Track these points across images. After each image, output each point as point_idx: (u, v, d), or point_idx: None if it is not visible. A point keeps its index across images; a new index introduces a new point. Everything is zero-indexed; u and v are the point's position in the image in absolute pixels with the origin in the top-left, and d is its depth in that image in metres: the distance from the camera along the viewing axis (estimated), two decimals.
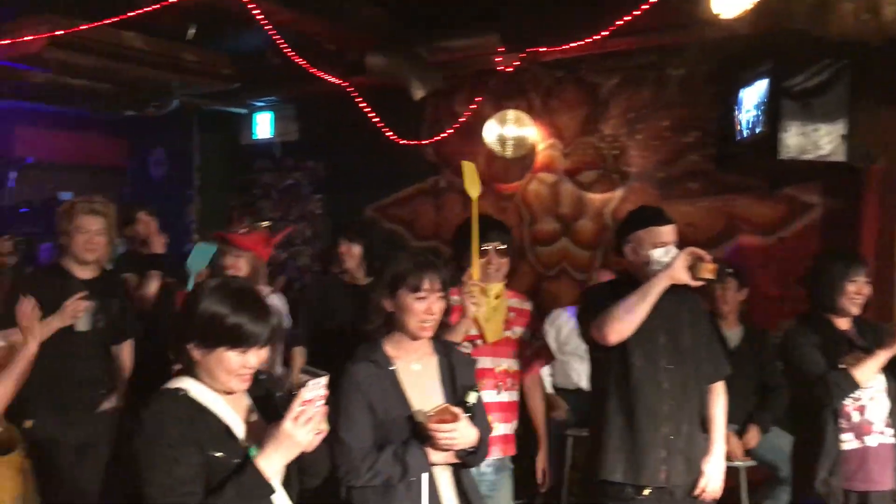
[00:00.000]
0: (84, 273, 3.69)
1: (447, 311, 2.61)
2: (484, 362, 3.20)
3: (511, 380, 3.37)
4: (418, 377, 2.56)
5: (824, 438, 3.18)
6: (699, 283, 2.83)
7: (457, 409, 2.43)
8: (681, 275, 2.81)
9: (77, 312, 3.49)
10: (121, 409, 3.80)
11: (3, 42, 5.28)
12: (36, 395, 3.37)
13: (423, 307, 2.48)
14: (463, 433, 2.41)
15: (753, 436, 4.20)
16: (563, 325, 4.84)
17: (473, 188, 3.42)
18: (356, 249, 4.13)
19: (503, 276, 3.37)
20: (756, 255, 4.93)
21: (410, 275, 2.49)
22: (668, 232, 2.98)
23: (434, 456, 2.44)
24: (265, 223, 3.49)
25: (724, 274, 2.92)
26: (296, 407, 1.91)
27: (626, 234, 3.07)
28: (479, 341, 3.30)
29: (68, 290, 3.54)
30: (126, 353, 3.90)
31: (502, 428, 3.30)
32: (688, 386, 3.02)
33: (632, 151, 5.45)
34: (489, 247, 3.30)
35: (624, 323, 2.84)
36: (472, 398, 2.47)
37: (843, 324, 3.31)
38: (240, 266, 3.81)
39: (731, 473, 3.44)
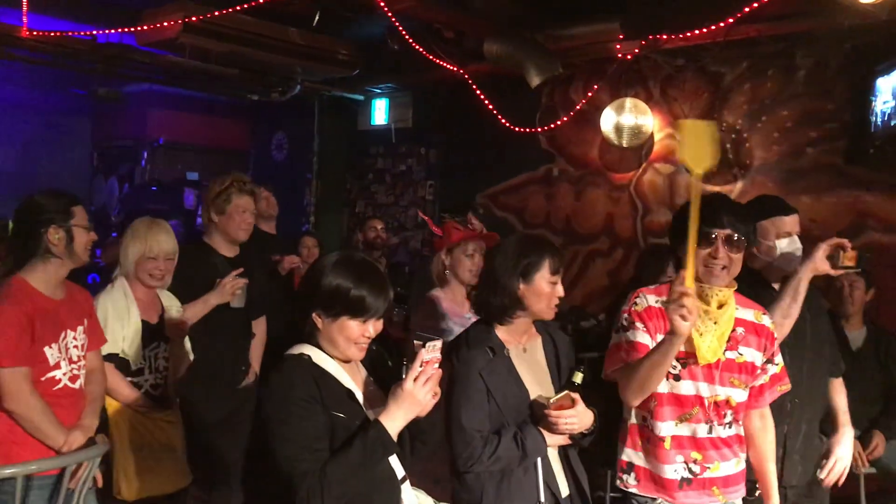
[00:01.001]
0: (229, 251, 3.73)
1: None
2: (688, 387, 2.46)
3: (730, 413, 2.52)
4: (529, 360, 2.60)
5: None
6: (840, 272, 2.78)
7: (575, 395, 2.46)
8: (822, 265, 2.77)
9: (235, 290, 3.55)
10: (257, 383, 3.87)
11: (143, 28, 5.61)
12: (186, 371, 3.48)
13: (554, 291, 2.54)
14: (582, 418, 2.45)
15: (879, 443, 4.00)
16: None
17: (698, 158, 2.25)
18: (480, 226, 4.19)
19: (731, 278, 2.46)
20: (886, 254, 4.69)
21: (550, 259, 2.53)
22: (792, 222, 2.92)
23: (550, 439, 2.47)
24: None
25: (866, 260, 2.81)
26: (416, 367, 1.99)
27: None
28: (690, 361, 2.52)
29: (216, 267, 3.60)
30: (262, 328, 3.95)
31: (725, 467, 2.52)
32: (809, 384, 2.93)
33: (754, 143, 5.27)
34: (716, 233, 2.39)
35: (785, 326, 2.82)
36: (578, 378, 2.52)
37: None
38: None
39: (851, 480, 3.30)
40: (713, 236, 2.39)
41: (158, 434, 3.22)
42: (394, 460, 2.10)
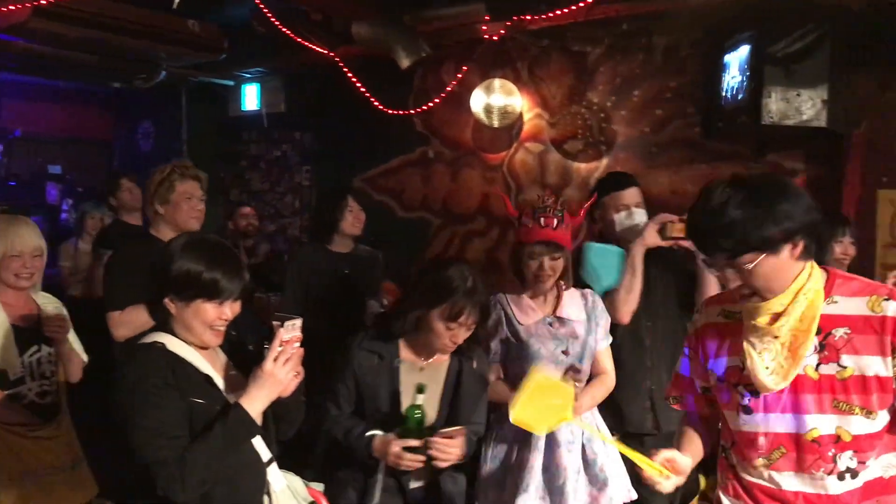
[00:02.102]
0: None
1: None
2: (757, 422, 1.87)
3: (849, 455, 1.80)
4: (422, 377, 2.59)
5: None
6: (670, 243, 2.93)
7: (455, 430, 2.49)
8: (652, 239, 3.00)
9: None
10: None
11: None
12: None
13: (450, 335, 2.49)
14: (456, 451, 2.48)
15: None
16: None
17: (538, 418, 2.02)
18: (363, 215, 4.15)
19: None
20: None
21: (451, 305, 2.45)
22: (629, 195, 3.10)
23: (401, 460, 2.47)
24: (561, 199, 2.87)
25: None
26: (276, 347, 1.96)
27: (597, 201, 3.19)
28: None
29: None
30: None
31: None
32: (666, 341, 3.10)
33: (617, 120, 5.46)
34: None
35: (629, 303, 3.04)
36: (420, 399, 2.49)
37: None
38: (557, 269, 2.83)
39: None
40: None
41: (43, 455, 3.00)
42: (258, 442, 2.08)
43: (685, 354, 2.11)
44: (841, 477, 1.81)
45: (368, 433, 2.52)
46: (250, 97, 7.34)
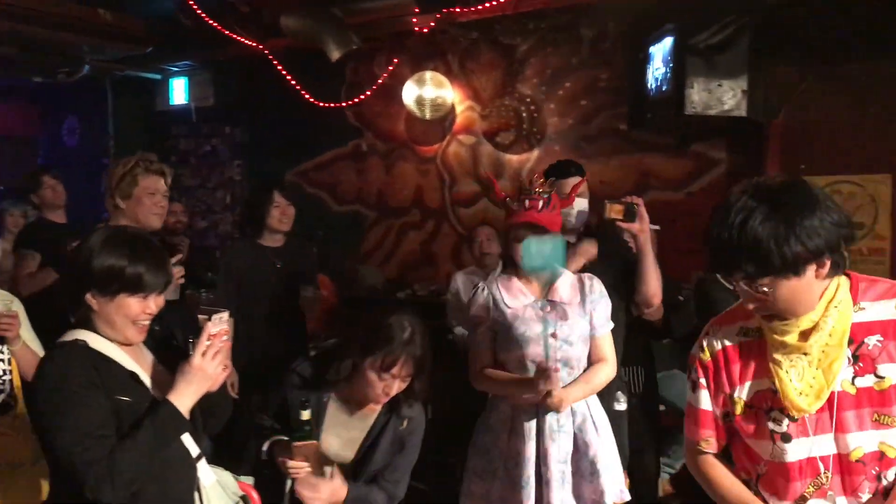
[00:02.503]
0: None
1: None
2: (797, 448, 1.74)
3: (882, 476, 1.71)
4: (348, 421, 2.53)
5: None
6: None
7: (333, 468, 2.41)
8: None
9: (177, 280, 3.22)
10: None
11: None
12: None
13: (382, 386, 2.41)
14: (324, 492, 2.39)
15: None
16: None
17: None
18: (291, 210, 4.10)
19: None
20: (666, 210, 5.08)
21: (390, 352, 2.36)
22: (571, 184, 3.10)
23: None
24: (550, 180, 2.85)
25: (633, 213, 3.01)
26: (203, 340, 1.94)
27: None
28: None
29: None
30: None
31: None
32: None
33: (547, 112, 5.54)
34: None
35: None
36: (305, 415, 2.38)
37: None
38: None
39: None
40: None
41: (1, 453, 2.92)
42: (187, 439, 2.05)
43: (702, 386, 1.84)
44: (886, 494, 1.68)
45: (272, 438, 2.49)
46: (178, 91, 7.20)
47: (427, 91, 5.73)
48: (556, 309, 2.71)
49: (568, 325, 2.69)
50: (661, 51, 4.52)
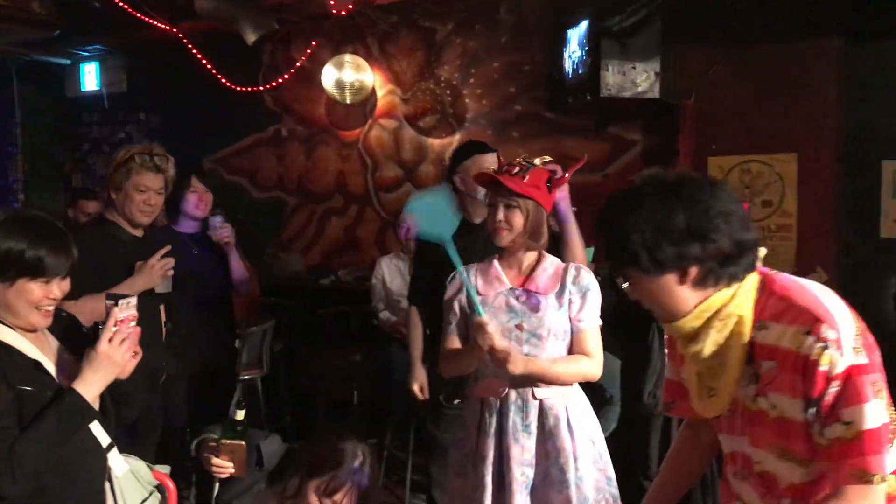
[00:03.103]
0: (137, 231, 3.19)
1: None
2: (723, 440, 1.76)
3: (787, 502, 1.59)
4: None
5: (651, 357, 3.44)
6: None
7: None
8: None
9: (166, 273, 3.09)
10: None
11: None
12: None
13: None
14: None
15: None
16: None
17: None
18: (209, 196, 4.00)
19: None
20: (584, 192, 5.16)
21: (335, 477, 2.19)
22: (491, 159, 3.11)
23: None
24: (546, 158, 2.70)
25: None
26: (110, 327, 1.89)
27: (455, 166, 3.23)
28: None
29: (125, 246, 3.11)
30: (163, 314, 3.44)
31: None
32: None
33: (468, 96, 5.55)
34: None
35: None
36: (240, 415, 2.32)
37: None
38: (513, 220, 2.55)
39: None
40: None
41: None
42: (96, 427, 2.00)
43: (670, 356, 1.84)
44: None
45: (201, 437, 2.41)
46: (89, 77, 6.96)
47: (347, 75, 5.67)
48: (531, 299, 2.52)
49: (537, 317, 2.49)
50: (577, 34, 4.58)
